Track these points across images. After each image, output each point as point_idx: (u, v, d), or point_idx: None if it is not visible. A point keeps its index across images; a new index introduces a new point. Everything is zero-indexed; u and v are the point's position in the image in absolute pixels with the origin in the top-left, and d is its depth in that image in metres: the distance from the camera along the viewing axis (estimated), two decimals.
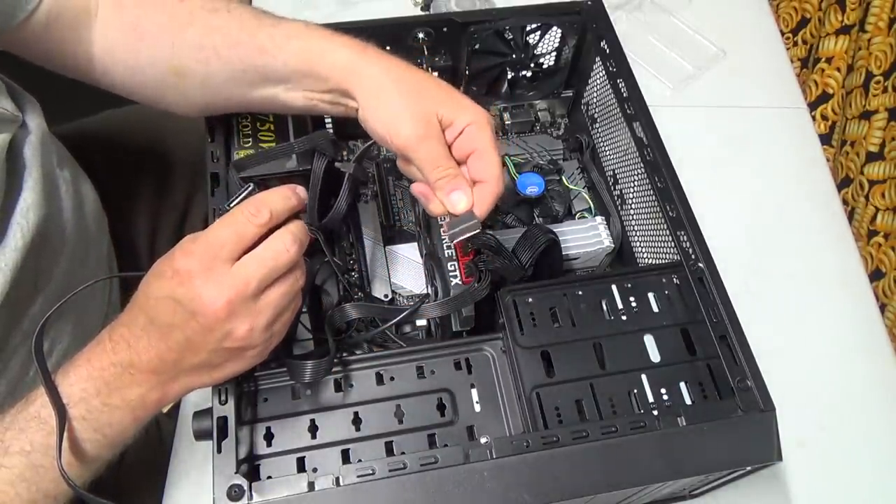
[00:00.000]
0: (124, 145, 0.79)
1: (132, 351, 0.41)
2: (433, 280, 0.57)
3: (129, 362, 0.41)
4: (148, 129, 0.80)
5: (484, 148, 0.47)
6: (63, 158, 0.62)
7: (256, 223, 0.42)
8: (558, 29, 0.67)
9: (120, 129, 0.80)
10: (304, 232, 0.44)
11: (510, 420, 0.48)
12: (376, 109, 0.47)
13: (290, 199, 0.44)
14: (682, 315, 0.51)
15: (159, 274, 0.41)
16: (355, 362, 0.49)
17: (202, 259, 0.40)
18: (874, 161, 0.79)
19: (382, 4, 0.89)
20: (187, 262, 0.40)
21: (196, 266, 0.40)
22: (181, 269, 0.40)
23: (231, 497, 0.40)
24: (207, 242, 0.41)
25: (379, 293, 0.60)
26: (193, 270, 0.40)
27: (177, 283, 0.40)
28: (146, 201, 0.78)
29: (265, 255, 0.41)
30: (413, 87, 0.48)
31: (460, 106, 0.48)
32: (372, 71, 0.48)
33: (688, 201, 0.54)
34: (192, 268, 0.40)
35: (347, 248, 0.65)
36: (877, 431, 0.66)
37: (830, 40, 0.88)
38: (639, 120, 0.58)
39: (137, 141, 0.80)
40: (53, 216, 0.58)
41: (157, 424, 0.73)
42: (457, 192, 0.46)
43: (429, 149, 0.46)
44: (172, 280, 0.40)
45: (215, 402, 0.44)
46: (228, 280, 0.40)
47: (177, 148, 0.80)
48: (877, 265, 0.79)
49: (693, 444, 0.44)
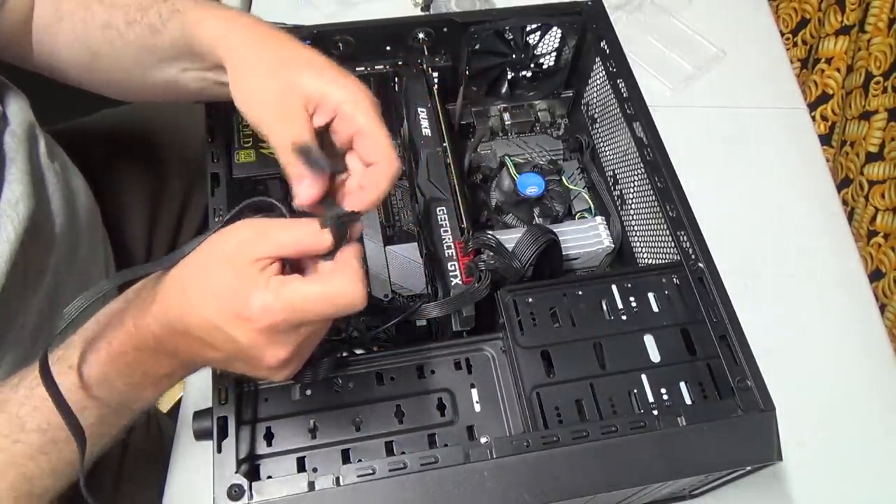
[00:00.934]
0: (121, 143, 0.79)
1: (160, 343, 0.39)
2: (433, 280, 0.57)
3: (155, 349, 0.39)
4: (144, 127, 0.80)
5: (365, 127, 0.42)
6: (52, 151, 0.62)
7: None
8: (558, 29, 0.67)
9: (116, 127, 0.80)
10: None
11: (510, 420, 0.48)
12: (236, 83, 0.43)
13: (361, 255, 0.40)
14: (682, 315, 0.51)
15: (215, 292, 0.37)
16: (355, 362, 0.49)
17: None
18: (874, 161, 0.79)
19: (382, 4, 0.89)
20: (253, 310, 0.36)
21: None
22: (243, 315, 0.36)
23: (231, 497, 0.40)
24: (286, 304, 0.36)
25: (379, 293, 0.60)
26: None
27: (235, 326, 0.36)
28: (143, 198, 0.78)
29: (332, 296, 0.37)
30: (277, 60, 0.43)
31: (331, 81, 0.42)
32: (236, 41, 0.44)
33: (688, 201, 0.54)
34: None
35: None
36: (877, 431, 0.66)
37: (830, 41, 0.88)
38: (639, 120, 0.58)
39: (134, 139, 0.80)
40: (43, 208, 0.58)
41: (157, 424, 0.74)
42: (302, 182, 0.40)
43: (284, 132, 0.41)
44: (231, 319, 0.36)
45: (215, 402, 0.44)
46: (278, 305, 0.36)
47: (173, 145, 0.80)
48: (877, 265, 0.79)
49: (693, 444, 0.44)
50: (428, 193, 0.57)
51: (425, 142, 0.60)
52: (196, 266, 0.38)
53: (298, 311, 0.36)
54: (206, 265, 0.37)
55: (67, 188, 0.63)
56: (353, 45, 0.64)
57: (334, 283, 0.36)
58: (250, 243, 0.37)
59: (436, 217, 0.56)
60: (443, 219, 0.56)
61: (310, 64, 0.43)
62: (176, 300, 0.37)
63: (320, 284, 0.36)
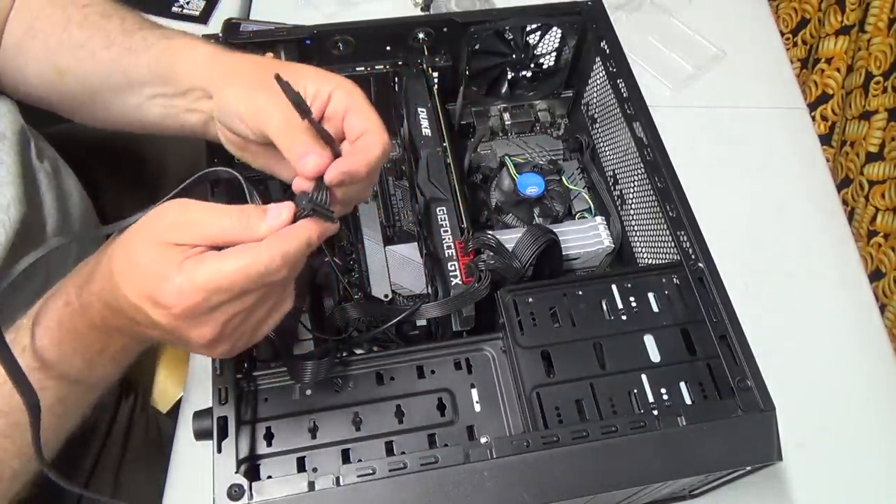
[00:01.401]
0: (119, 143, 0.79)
1: (105, 321, 0.39)
2: (433, 280, 0.57)
3: (104, 327, 0.40)
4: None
5: (355, 105, 0.43)
6: (43, 152, 0.62)
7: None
8: (558, 29, 0.67)
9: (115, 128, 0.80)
10: (302, 254, 0.38)
11: (510, 420, 0.48)
12: (229, 93, 0.45)
13: (310, 249, 0.39)
14: (682, 315, 0.51)
15: (135, 266, 0.37)
16: (355, 362, 0.49)
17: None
18: (874, 161, 0.80)
19: (382, 4, 0.89)
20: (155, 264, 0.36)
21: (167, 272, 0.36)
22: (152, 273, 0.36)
23: (231, 497, 0.40)
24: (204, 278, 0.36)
25: (379, 293, 0.60)
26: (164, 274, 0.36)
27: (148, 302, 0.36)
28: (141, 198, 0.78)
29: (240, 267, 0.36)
30: (267, 66, 0.45)
31: (322, 76, 0.45)
32: (225, 61, 0.47)
33: (688, 201, 0.54)
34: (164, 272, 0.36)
35: (347, 248, 0.65)
36: (877, 431, 0.66)
37: (830, 41, 0.88)
38: (639, 120, 0.58)
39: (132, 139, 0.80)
40: (35, 210, 0.57)
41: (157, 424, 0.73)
42: (309, 156, 0.41)
43: (281, 115, 0.42)
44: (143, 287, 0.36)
45: (215, 402, 0.44)
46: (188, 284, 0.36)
47: (172, 146, 0.80)
48: (877, 265, 0.79)
49: (693, 444, 0.44)
50: (428, 193, 0.57)
51: (425, 142, 0.60)
52: (122, 245, 0.38)
53: (213, 291, 0.35)
54: (129, 244, 0.37)
55: (60, 189, 0.63)
56: (353, 45, 0.64)
57: (248, 256, 0.36)
58: (173, 229, 0.36)
59: (436, 217, 0.56)
60: (443, 219, 0.56)
61: (301, 66, 0.46)
62: (107, 279, 0.38)
63: (234, 258, 0.36)
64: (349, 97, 0.44)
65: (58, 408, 0.42)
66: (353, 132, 0.43)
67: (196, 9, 0.92)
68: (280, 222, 0.37)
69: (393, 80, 0.66)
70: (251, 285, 0.36)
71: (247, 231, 0.37)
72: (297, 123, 0.41)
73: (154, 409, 0.76)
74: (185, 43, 0.49)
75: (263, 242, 0.36)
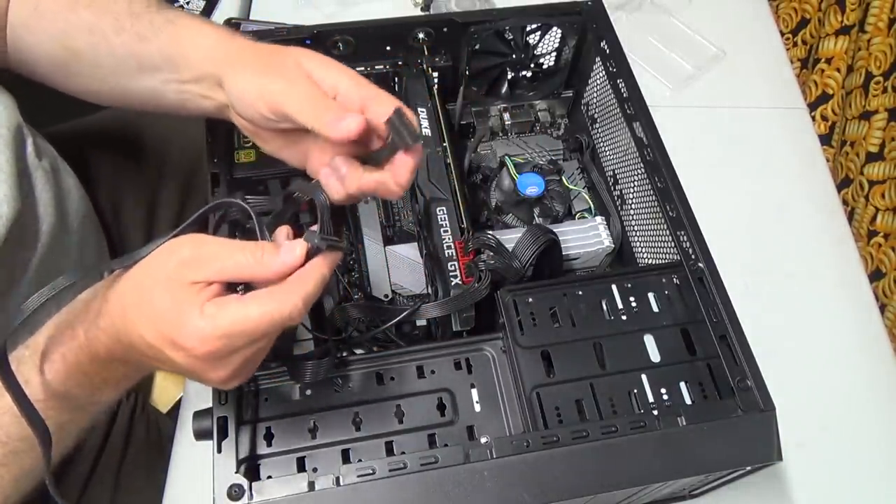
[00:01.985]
0: (119, 143, 0.79)
1: (111, 354, 0.39)
2: (433, 280, 0.57)
3: (108, 359, 0.40)
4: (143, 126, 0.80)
5: (372, 92, 0.43)
6: (41, 150, 0.61)
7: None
8: (558, 29, 0.67)
9: (115, 127, 0.80)
10: (319, 293, 0.38)
11: (510, 420, 0.48)
12: (243, 79, 0.45)
13: (324, 283, 0.39)
14: (682, 315, 0.51)
15: (149, 312, 0.37)
16: (355, 362, 0.49)
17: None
18: (874, 161, 0.79)
19: (382, 4, 0.89)
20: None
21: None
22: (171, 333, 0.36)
23: (231, 497, 0.40)
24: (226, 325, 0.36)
25: (379, 293, 0.60)
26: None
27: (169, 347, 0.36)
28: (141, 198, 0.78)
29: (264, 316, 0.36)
30: (277, 50, 0.46)
31: (329, 66, 0.44)
32: (233, 47, 0.47)
33: (688, 201, 0.54)
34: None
35: (347, 248, 0.65)
36: (877, 431, 0.66)
37: (830, 41, 0.88)
38: (639, 120, 0.58)
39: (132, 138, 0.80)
40: (30, 207, 0.57)
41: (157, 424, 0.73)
42: (346, 118, 0.40)
43: (302, 89, 0.42)
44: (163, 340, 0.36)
45: (215, 402, 0.44)
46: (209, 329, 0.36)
47: (173, 145, 0.80)
48: (877, 265, 0.79)
49: (693, 444, 0.44)
50: (428, 193, 0.57)
51: (425, 142, 0.60)
52: (134, 283, 0.38)
53: (236, 337, 0.35)
54: (142, 283, 0.37)
55: (58, 187, 0.62)
56: (353, 45, 0.64)
57: (273, 303, 0.36)
58: (188, 266, 0.36)
59: (436, 217, 0.56)
60: (443, 219, 0.56)
61: (306, 54, 0.45)
62: (118, 317, 0.37)
63: (257, 305, 0.35)
64: (358, 88, 0.43)
65: (57, 434, 0.41)
66: (378, 119, 0.42)
67: (196, 9, 0.92)
68: (294, 258, 0.37)
69: (393, 80, 0.66)
70: (274, 330, 0.36)
71: (260, 267, 0.37)
72: (318, 95, 0.42)
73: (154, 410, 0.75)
74: (189, 29, 0.49)
75: (285, 287, 0.36)
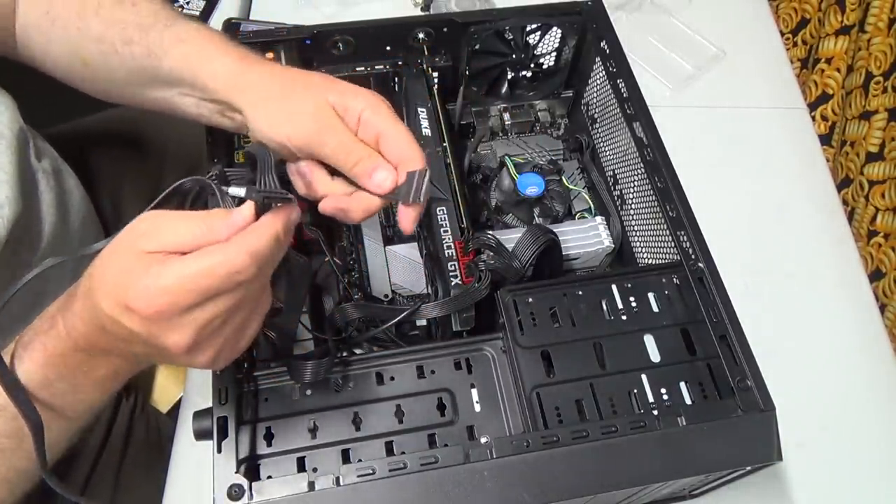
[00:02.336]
0: (119, 143, 0.79)
1: (89, 342, 0.39)
2: (433, 280, 0.57)
3: (89, 348, 0.39)
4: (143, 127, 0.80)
5: (389, 128, 0.44)
6: (42, 152, 0.61)
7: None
8: (558, 29, 0.67)
9: (115, 127, 0.80)
10: (271, 251, 0.38)
11: (510, 420, 0.48)
12: (267, 115, 0.45)
13: (280, 243, 0.38)
14: (682, 315, 0.51)
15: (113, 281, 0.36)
16: (355, 362, 0.49)
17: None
18: (874, 161, 0.79)
19: (382, 4, 0.89)
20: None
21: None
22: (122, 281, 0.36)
23: (231, 497, 0.40)
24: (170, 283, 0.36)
25: (379, 293, 0.60)
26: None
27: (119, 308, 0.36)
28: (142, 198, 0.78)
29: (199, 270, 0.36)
30: (298, 83, 0.46)
31: (350, 91, 0.45)
32: (252, 78, 0.46)
33: (688, 201, 0.54)
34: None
35: (347, 248, 0.65)
36: (877, 431, 0.66)
37: (830, 41, 0.88)
38: (639, 120, 0.58)
39: (133, 139, 0.80)
40: (31, 209, 0.57)
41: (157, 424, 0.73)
42: (378, 171, 0.43)
43: (336, 136, 0.44)
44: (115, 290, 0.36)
45: (215, 402, 0.44)
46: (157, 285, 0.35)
47: (173, 145, 0.80)
48: (877, 265, 0.79)
49: (693, 444, 0.44)
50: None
51: (425, 142, 0.60)
52: (99, 261, 0.38)
53: (179, 292, 0.35)
54: (105, 259, 0.37)
55: (60, 189, 0.63)
56: (353, 45, 0.64)
57: (216, 256, 0.35)
58: (144, 237, 0.37)
59: (436, 217, 0.56)
60: (443, 219, 0.56)
61: (324, 80, 0.46)
62: (87, 296, 0.38)
63: (199, 258, 0.35)
64: (376, 116, 0.44)
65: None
66: (389, 157, 0.44)
67: (196, 9, 0.92)
68: (242, 218, 0.37)
69: (393, 80, 0.66)
70: (219, 285, 0.36)
71: (211, 234, 0.37)
72: (350, 143, 0.43)
73: (154, 409, 0.76)
74: (203, 52, 0.48)
75: (231, 241, 0.36)
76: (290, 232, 0.39)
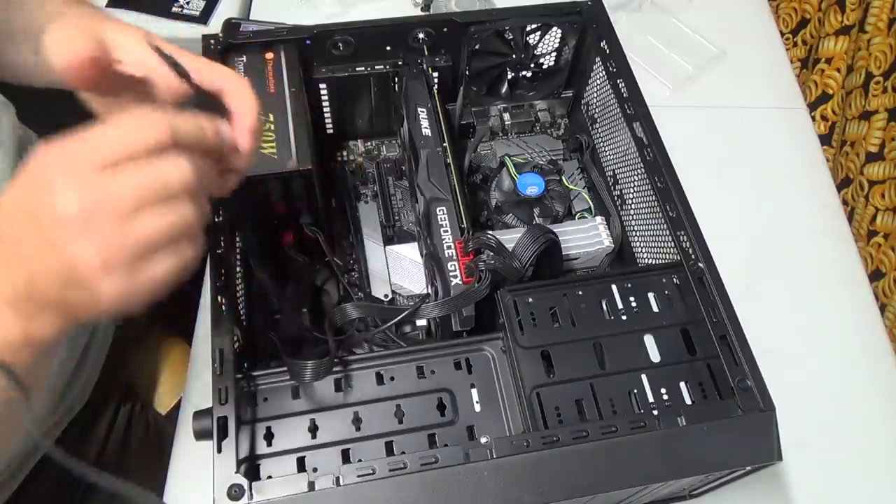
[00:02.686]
0: None
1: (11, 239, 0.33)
2: (433, 280, 0.57)
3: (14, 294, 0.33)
4: None
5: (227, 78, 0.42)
6: None
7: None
8: (558, 29, 0.67)
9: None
10: (191, 130, 0.36)
11: (510, 420, 0.48)
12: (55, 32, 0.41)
13: (205, 131, 0.37)
14: (682, 315, 0.51)
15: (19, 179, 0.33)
16: (355, 362, 0.49)
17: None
18: (874, 161, 0.79)
19: (382, 4, 0.89)
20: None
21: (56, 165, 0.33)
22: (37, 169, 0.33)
23: (231, 497, 0.40)
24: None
25: (379, 293, 0.60)
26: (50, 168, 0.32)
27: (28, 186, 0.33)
28: None
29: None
30: (91, 20, 0.43)
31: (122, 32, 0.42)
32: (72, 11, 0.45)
33: (688, 201, 0.54)
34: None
35: (347, 248, 0.65)
36: (877, 431, 0.66)
37: (830, 41, 0.88)
38: (639, 120, 0.58)
39: None
40: None
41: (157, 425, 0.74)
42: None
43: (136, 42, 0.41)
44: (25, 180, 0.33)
45: (215, 402, 0.44)
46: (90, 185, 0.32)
47: None
48: (877, 265, 0.79)
49: (693, 444, 0.44)
50: (428, 193, 0.57)
51: (425, 142, 0.60)
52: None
53: (80, 142, 0.32)
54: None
55: None
56: (353, 45, 0.64)
57: (127, 118, 0.34)
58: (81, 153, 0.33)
59: (436, 217, 0.56)
60: (443, 219, 0.56)
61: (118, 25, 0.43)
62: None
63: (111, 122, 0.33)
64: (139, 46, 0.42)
65: None
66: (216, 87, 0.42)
67: (196, 9, 0.93)
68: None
69: (393, 80, 0.66)
70: (129, 142, 0.33)
71: (137, 132, 0.34)
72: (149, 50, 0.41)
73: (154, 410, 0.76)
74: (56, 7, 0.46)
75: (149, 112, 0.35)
76: (215, 136, 0.38)
